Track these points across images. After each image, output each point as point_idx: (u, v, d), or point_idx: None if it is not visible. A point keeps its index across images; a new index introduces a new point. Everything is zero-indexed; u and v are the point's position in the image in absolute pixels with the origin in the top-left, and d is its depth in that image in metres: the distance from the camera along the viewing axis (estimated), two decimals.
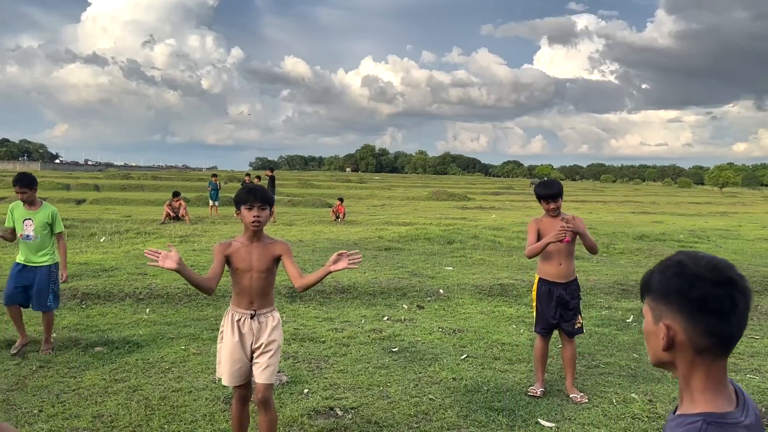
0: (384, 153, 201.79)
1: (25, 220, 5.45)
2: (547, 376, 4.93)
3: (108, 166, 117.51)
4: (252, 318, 3.37)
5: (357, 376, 4.99)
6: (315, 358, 5.44)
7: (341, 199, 20.94)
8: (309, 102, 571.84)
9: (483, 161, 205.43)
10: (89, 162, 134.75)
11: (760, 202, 47.82)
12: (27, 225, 5.45)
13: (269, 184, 19.10)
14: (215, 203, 21.59)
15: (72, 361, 5.31)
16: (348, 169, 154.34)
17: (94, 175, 54.85)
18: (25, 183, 5.41)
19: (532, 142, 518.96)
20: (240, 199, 3.38)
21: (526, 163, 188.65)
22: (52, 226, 5.56)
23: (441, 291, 8.30)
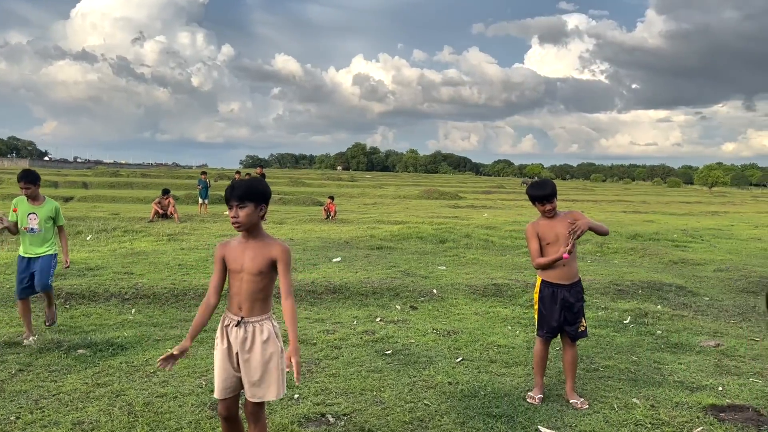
0: (375, 151, 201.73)
1: (30, 214, 5.80)
2: (546, 380, 4.78)
3: (97, 163, 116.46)
4: (238, 325, 3.12)
5: (349, 380, 4.82)
6: (306, 361, 5.26)
7: (332, 198, 20.75)
8: (300, 100, 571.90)
9: (474, 160, 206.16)
10: (78, 159, 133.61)
11: (749, 201, 48.09)
12: (31, 219, 5.80)
13: None
14: (204, 201, 21.39)
15: (53, 364, 5.11)
16: (339, 168, 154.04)
17: (82, 173, 54.34)
18: (30, 179, 5.78)
19: (522, 141, 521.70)
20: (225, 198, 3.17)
21: (516, 162, 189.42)
22: (54, 219, 5.96)
23: (434, 291, 8.15)
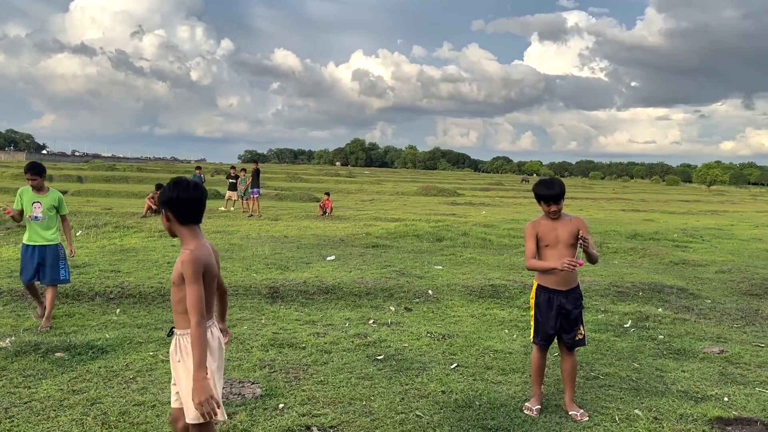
0: (374, 147, 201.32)
1: (34, 203, 6.12)
2: (544, 389, 4.55)
3: (95, 157, 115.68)
4: (169, 334, 2.87)
5: (338, 388, 4.60)
6: (294, 366, 5.04)
7: (328, 193, 20.50)
8: (299, 95, 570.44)
9: (473, 157, 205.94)
10: (76, 153, 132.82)
11: (748, 200, 47.94)
12: (36, 207, 6.12)
13: (254, 176, 18.75)
14: None
15: (28, 369, 4.87)
16: (338, 163, 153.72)
17: (78, 166, 53.96)
18: (36, 171, 6.12)
19: (521, 138, 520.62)
20: None
21: (515, 159, 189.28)
22: (57, 208, 6.26)
23: (430, 292, 7.92)
